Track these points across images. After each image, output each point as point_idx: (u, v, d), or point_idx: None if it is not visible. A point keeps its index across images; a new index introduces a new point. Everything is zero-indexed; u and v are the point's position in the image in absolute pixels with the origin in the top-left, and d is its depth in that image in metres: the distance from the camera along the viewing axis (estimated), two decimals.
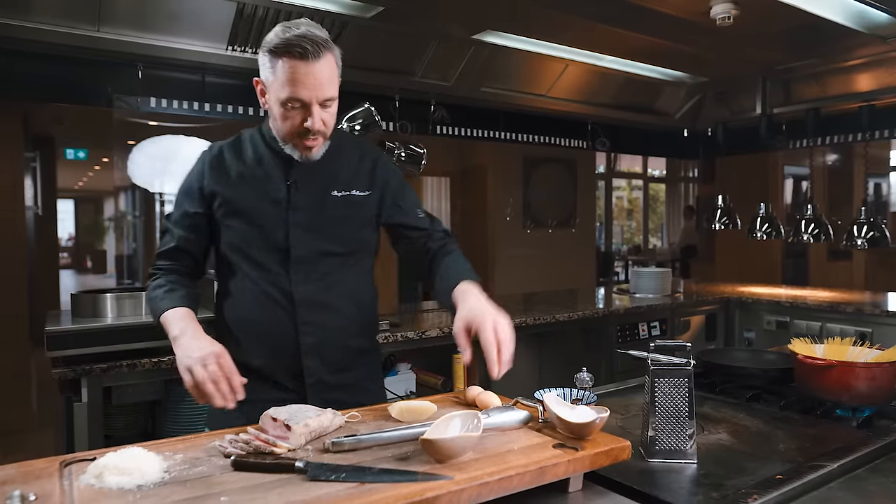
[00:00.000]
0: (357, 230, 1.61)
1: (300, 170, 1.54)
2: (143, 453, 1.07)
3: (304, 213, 1.54)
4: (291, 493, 0.97)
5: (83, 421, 2.03)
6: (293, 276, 1.52)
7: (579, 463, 1.12)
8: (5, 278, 4.71)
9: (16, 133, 4.82)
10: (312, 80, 1.40)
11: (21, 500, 0.93)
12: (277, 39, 1.40)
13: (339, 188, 1.58)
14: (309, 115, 1.43)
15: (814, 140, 4.47)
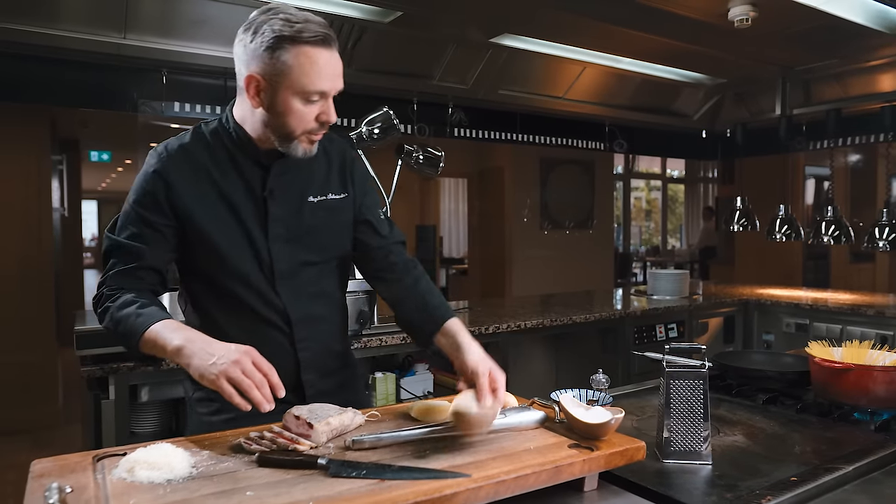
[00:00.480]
0: (336, 236, 1.50)
1: (276, 176, 1.41)
2: (172, 449, 1.11)
3: (283, 224, 1.42)
4: (315, 489, 1.00)
5: (110, 418, 2.09)
6: (282, 293, 1.43)
7: (594, 462, 1.14)
8: (33, 279, 4.82)
9: (43, 136, 4.93)
10: (333, 70, 1.31)
11: (59, 491, 0.97)
12: (292, 27, 1.26)
13: (315, 193, 1.46)
14: (327, 107, 1.34)
15: (835, 141, 4.43)
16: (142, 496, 0.99)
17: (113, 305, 1.33)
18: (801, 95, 4.33)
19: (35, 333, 4.85)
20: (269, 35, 1.27)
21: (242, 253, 1.40)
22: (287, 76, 1.28)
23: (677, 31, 3.25)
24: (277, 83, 1.29)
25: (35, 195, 4.74)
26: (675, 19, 2.99)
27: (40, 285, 4.87)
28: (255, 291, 1.41)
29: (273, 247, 1.41)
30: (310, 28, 1.27)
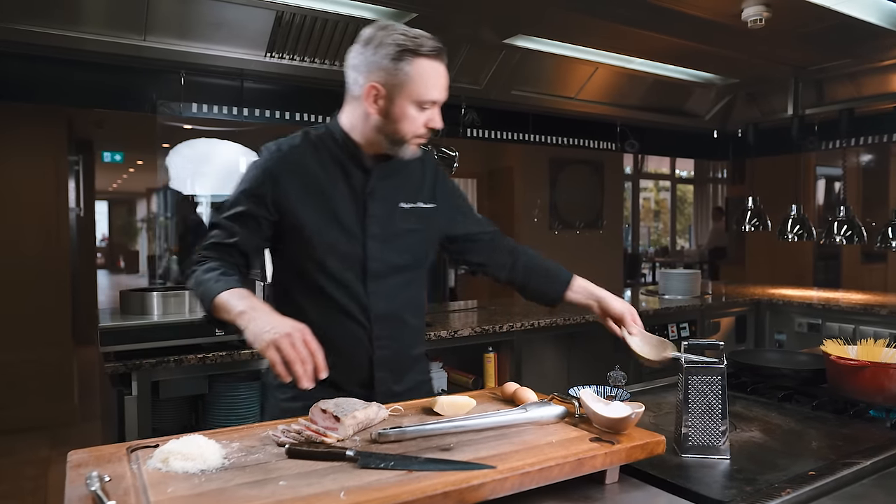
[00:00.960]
0: (423, 243, 1.61)
1: (377, 179, 1.53)
2: (205, 441, 1.14)
3: (379, 226, 1.52)
4: (344, 479, 1.03)
5: (133, 413, 2.13)
6: (370, 290, 1.52)
7: (616, 455, 1.17)
8: (51, 278, 4.89)
9: (60, 137, 5.00)
10: (445, 82, 1.46)
11: (99, 480, 1.01)
12: (414, 42, 1.40)
13: (407, 200, 1.57)
14: (435, 114, 1.47)
15: (847, 141, 4.43)
16: (178, 485, 1.02)
17: (199, 269, 1.45)
18: (814, 95, 4.33)
19: (52, 331, 4.92)
20: (392, 48, 1.40)
21: (338, 248, 1.50)
22: (406, 85, 1.41)
23: (690, 31, 3.26)
24: (396, 91, 1.42)
25: (53, 195, 4.81)
26: (688, 20, 3.01)
27: (57, 284, 4.94)
28: (344, 286, 1.51)
29: (369, 244, 1.52)
30: (427, 42, 1.42)
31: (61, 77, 2.96)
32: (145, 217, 17.79)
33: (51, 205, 4.83)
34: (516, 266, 1.75)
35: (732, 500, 1.11)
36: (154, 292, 2.38)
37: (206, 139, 5.18)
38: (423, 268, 1.64)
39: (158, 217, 16.40)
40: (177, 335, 2.22)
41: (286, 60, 3.10)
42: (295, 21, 2.92)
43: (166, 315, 2.35)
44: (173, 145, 5.15)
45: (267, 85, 3.29)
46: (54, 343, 4.91)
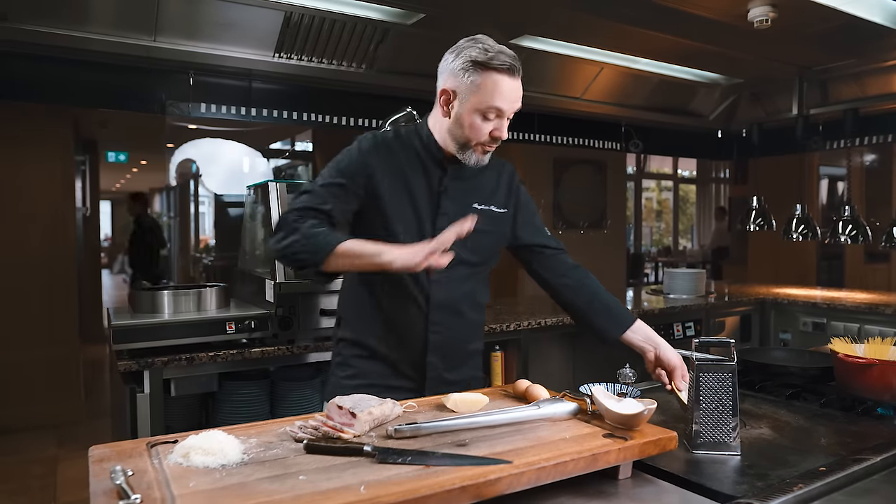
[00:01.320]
0: (491, 243, 1.72)
1: (451, 179, 1.65)
2: (224, 436, 1.16)
3: (450, 221, 1.57)
4: (364, 474, 1.04)
5: (145, 410, 2.15)
6: (433, 279, 1.62)
7: (629, 451, 1.18)
8: (58, 277, 4.91)
9: (67, 137, 5.02)
10: (514, 94, 1.55)
11: (123, 474, 1.02)
12: (485, 55, 1.51)
13: (480, 202, 1.69)
14: (500, 124, 1.56)
15: (852, 140, 4.43)
16: (200, 479, 1.03)
17: (304, 225, 1.53)
18: (818, 95, 4.34)
19: (59, 330, 4.94)
20: (466, 58, 1.53)
21: (411, 235, 1.60)
22: (472, 94, 1.53)
23: (695, 31, 3.28)
24: (464, 98, 1.54)
25: (60, 195, 4.83)
26: (694, 20, 3.02)
27: (64, 283, 4.96)
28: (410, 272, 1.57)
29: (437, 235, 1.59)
30: (500, 58, 1.52)
31: (71, 77, 2.98)
32: None
33: (58, 204, 4.86)
34: (579, 293, 1.79)
35: (744, 495, 1.12)
36: (165, 291, 2.40)
37: (211, 139, 5.21)
38: (487, 266, 1.74)
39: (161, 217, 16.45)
40: (188, 333, 2.23)
41: (294, 61, 3.12)
42: (303, 21, 2.94)
43: (177, 313, 2.37)
44: (178, 145, 5.18)
45: (275, 85, 3.32)
46: (61, 341, 4.93)
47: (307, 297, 2.40)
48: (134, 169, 13.18)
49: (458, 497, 1.00)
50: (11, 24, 2.55)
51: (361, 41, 3.01)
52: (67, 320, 5.01)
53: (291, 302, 2.34)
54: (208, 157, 5.69)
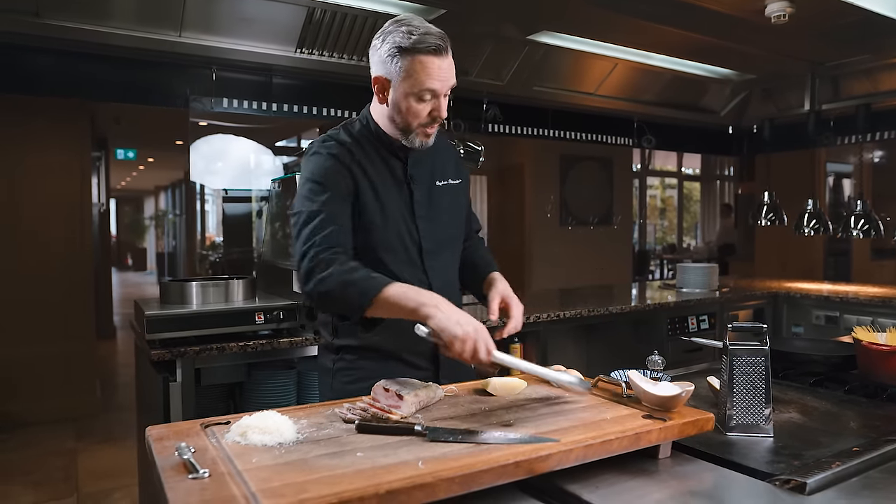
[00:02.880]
0: (459, 215, 1.77)
1: (413, 165, 1.65)
2: (279, 416, 1.20)
3: (424, 206, 1.65)
4: (418, 451, 1.08)
5: (178, 399, 2.19)
6: (428, 266, 1.65)
7: (670, 431, 1.22)
8: (75, 272, 4.95)
9: (84, 133, 5.07)
10: (444, 73, 1.52)
11: (189, 450, 1.07)
12: (409, 39, 1.48)
13: (441, 178, 1.71)
14: (438, 104, 1.55)
15: (863, 136, 4.46)
16: (261, 456, 1.08)
17: (340, 269, 1.47)
18: (830, 91, 4.37)
19: (75, 325, 4.99)
20: (391, 44, 1.51)
21: (396, 231, 1.61)
22: (403, 80, 1.52)
23: (711, 26, 3.30)
24: (396, 85, 1.53)
25: (77, 191, 4.87)
26: (711, 15, 3.05)
27: (81, 278, 5.01)
28: (408, 263, 1.63)
29: (420, 225, 1.65)
30: (426, 40, 1.49)
31: (95, 73, 3.02)
32: (153, 214, 17.85)
33: (75, 200, 4.90)
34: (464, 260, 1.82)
35: (782, 473, 1.16)
36: (193, 282, 2.44)
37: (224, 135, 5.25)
38: (462, 241, 1.79)
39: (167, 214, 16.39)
40: (219, 323, 2.28)
41: (315, 56, 3.16)
42: (325, 17, 2.98)
43: (205, 304, 2.41)
44: (186, 142, 5.22)
45: (295, 80, 3.35)
46: (77, 336, 4.98)
47: None
48: (140, 167, 13.22)
49: (512, 472, 1.04)
50: (41, 20, 2.59)
51: None
52: (84, 315, 5.06)
53: None
54: (217, 154, 5.73)
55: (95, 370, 5.23)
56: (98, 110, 5.77)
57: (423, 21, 1.55)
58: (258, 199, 5.54)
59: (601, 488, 1.12)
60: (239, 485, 0.95)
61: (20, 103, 4.49)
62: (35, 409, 4.74)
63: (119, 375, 6.16)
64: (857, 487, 1.12)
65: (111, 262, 8.72)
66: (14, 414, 4.66)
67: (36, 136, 4.71)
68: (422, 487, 0.95)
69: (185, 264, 10.95)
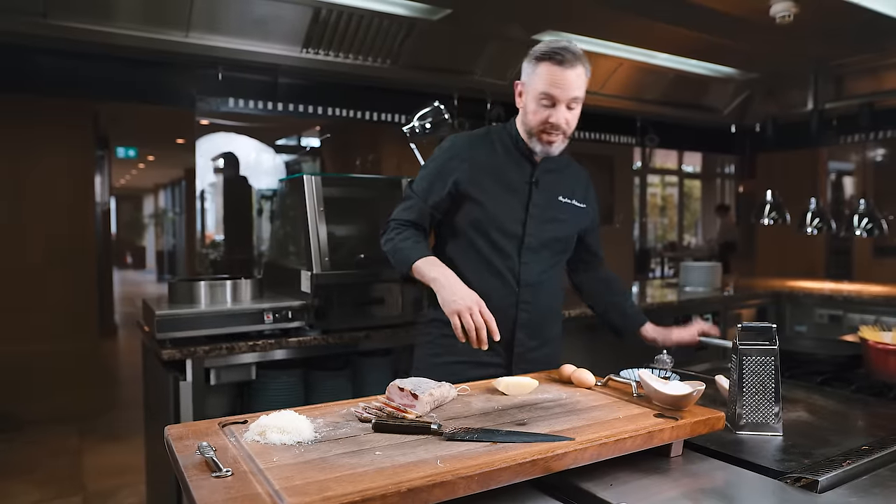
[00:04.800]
0: (571, 233, 1.94)
1: (542, 172, 1.84)
2: (296, 416, 1.22)
3: (539, 209, 1.84)
4: (435, 450, 1.10)
5: (188, 398, 2.20)
6: (523, 260, 1.82)
7: (682, 429, 1.24)
8: (78, 271, 4.97)
9: (88, 132, 5.08)
10: (564, 82, 1.70)
11: (211, 449, 1.08)
12: (542, 49, 1.72)
13: (565, 195, 1.89)
14: (556, 112, 1.72)
15: (866, 135, 4.48)
16: (281, 455, 1.09)
17: (396, 236, 1.82)
18: (833, 90, 4.38)
19: (79, 323, 5.00)
20: (532, 55, 1.76)
21: (503, 223, 1.81)
22: (531, 84, 1.75)
23: (715, 25, 3.32)
24: (527, 88, 1.77)
25: (81, 190, 4.89)
26: (715, 14, 3.06)
27: (84, 277, 5.02)
28: (503, 253, 1.82)
29: (528, 222, 1.83)
30: (554, 49, 1.70)
31: (102, 73, 3.03)
32: (153, 213, 17.84)
33: (79, 199, 4.92)
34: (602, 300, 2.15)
35: (793, 471, 1.18)
36: (202, 281, 2.45)
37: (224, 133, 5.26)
38: (566, 254, 1.97)
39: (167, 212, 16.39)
40: (228, 323, 2.29)
41: (321, 56, 3.17)
42: (332, 17, 2.99)
43: (213, 304, 2.42)
44: (186, 141, 5.23)
45: (301, 80, 3.36)
46: (81, 335, 4.99)
47: (343, 288, 2.45)
48: (140, 165, 13.21)
49: (529, 470, 1.06)
50: (49, 21, 2.60)
51: (387, 37, 3.06)
52: (88, 314, 5.07)
53: (328, 292, 2.40)
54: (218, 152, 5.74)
55: (99, 368, 5.25)
56: (100, 109, 5.78)
57: (573, 43, 1.74)
58: (259, 198, 5.55)
59: (615, 486, 1.14)
60: (262, 483, 0.97)
61: (23, 103, 4.50)
62: (39, 408, 4.76)
63: (122, 374, 6.17)
64: (868, 485, 1.14)
65: (112, 261, 8.72)
66: (18, 412, 4.67)
67: (39, 136, 4.72)
68: (442, 485, 0.97)
69: (185, 263, 10.95)
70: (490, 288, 1.79)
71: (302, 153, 6.65)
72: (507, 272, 1.83)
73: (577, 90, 1.73)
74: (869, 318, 3.72)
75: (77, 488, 3.61)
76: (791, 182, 5.64)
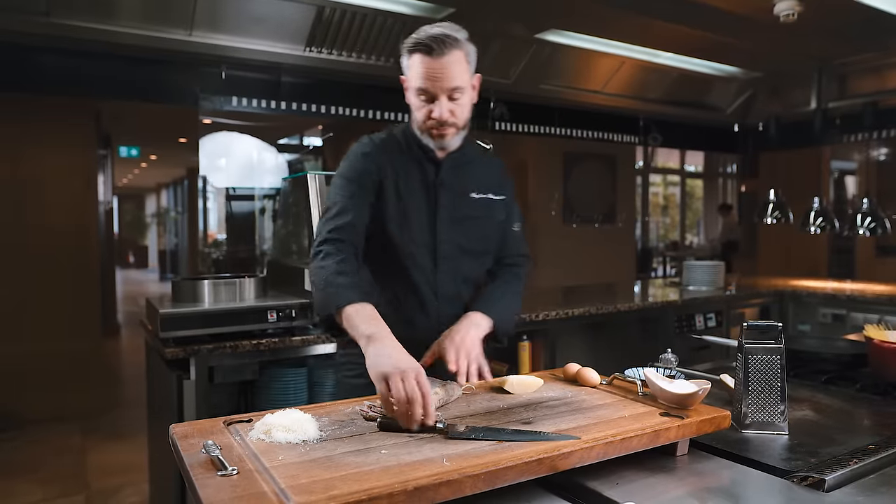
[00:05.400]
0: (491, 230, 1.74)
1: (446, 170, 1.66)
2: (301, 414, 1.22)
3: (449, 211, 1.66)
4: (441, 449, 1.10)
5: (192, 396, 2.20)
6: (440, 269, 1.65)
7: (688, 428, 1.24)
8: (81, 271, 4.97)
9: (90, 131, 5.09)
10: (438, 74, 1.52)
11: (217, 448, 1.08)
12: (413, 39, 1.54)
13: (478, 190, 1.70)
14: (437, 106, 1.55)
15: (869, 133, 4.47)
16: (286, 453, 1.09)
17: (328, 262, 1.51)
18: (836, 88, 4.37)
19: (82, 322, 5.01)
20: (403, 46, 1.58)
21: (412, 231, 1.64)
22: (408, 78, 1.59)
23: (719, 24, 3.31)
24: (407, 84, 1.61)
25: (84, 189, 4.89)
26: (719, 13, 3.06)
27: (87, 276, 5.03)
28: (417, 265, 1.64)
29: (439, 228, 1.65)
30: (422, 38, 1.53)
31: (106, 72, 3.03)
32: (155, 212, 17.87)
33: (82, 198, 4.92)
34: None
35: (800, 469, 1.17)
36: (206, 280, 2.45)
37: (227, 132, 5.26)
38: (489, 254, 1.76)
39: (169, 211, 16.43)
40: (232, 322, 2.29)
41: (324, 54, 3.17)
42: (335, 16, 2.99)
43: (217, 303, 2.43)
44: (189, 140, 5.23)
45: (304, 79, 3.36)
46: (83, 334, 5.00)
47: None
48: (143, 164, 13.22)
49: (535, 469, 1.06)
50: (52, 20, 2.60)
51: (391, 35, 3.06)
52: (90, 313, 5.08)
53: None
54: (221, 152, 5.74)
55: (102, 367, 5.25)
56: (103, 108, 5.79)
57: (447, 26, 1.57)
58: (261, 196, 5.55)
59: (621, 485, 1.13)
60: (268, 481, 0.97)
61: (26, 102, 4.51)
62: (42, 407, 4.76)
63: (125, 372, 6.18)
64: (875, 484, 1.13)
65: (115, 260, 8.73)
66: (21, 411, 4.68)
67: (42, 135, 4.72)
68: (448, 484, 0.97)
69: (188, 262, 10.96)
70: (409, 302, 1.65)
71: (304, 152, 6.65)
72: (424, 285, 1.64)
73: (456, 79, 1.53)
74: (872, 317, 3.71)
75: (80, 487, 3.61)
76: (794, 181, 5.63)
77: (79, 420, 4.74)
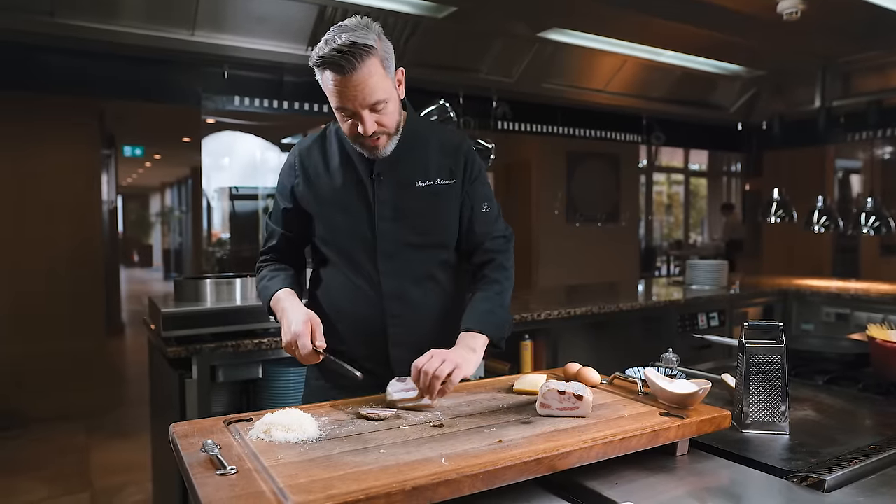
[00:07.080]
0: (441, 219, 1.57)
1: (383, 162, 1.51)
2: (301, 414, 1.22)
3: (389, 206, 1.53)
4: (440, 448, 1.10)
5: (193, 396, 2.21)
6: (381, 268, 1.53)
7: (688, 428, 1.24)
8: (85, 270, 4.99)
9: (94, 131, 5.10)
10: (353, 92, 1.37)
11: (216, 447, 1.08)
12: (317, 53, 1.38)
13: (423, 178, 1.54)
14: (360, 121, 1.41)
15: (874, 132, 4.45)
16: (286, 452, 1.09)
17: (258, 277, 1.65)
18: (840, 87, 4.35)
19: (85, 322, 5.02)
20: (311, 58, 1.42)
21: (347, 230, 1.56)
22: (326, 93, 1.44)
23: (722, 22, 3.30)
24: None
25: (88, 188, 4.91)
26: (722, 12, 3.05)
27: (91, 276, 5.04)
28: (356, 265, 1.56)
29: (378, 225, 1.53)
30: (329, 56, 1.35)
31: (107, 71, 3.04)
32: (159, 211, 17.93)
33: (86, 198, 4.94)
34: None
35: (800, 470, 1.17)
36: (208, 279, 2.46)
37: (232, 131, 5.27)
38: (443, 246, 1.60)
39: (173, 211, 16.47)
40: (234, 321, 2.30)
41: None
42: (337, 15, 2.99)
43: (219, 302, 2.43)
44: (193, 139, 5.24)
45: (306, 78, 3.36)
46: (87, 333, 5.02)
47: None
48: (147, 164, 13.27)
49: (534, 469, 1.06)
50: (56, 20, 2.61)
51: (393, 34, 3.05)
52: (94, 313, 5.10)
53: None
54: (224, 151, 5.75)
55: (106, 366, 5.27)
56: (106, 108, 5.81)
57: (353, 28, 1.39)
58: (264, 195, 5.55)
59: (620, 485, 1.13)
60: (266, 481, 0.97)
61: (30, 101, 4.52)
62: (46, 405, 4.79)
63: (128, 371, 6.20)
64: (876, 485, 1.13)
65: (119, 260, 8.76)
66: (25, 410, 4.70)
67: (45, 134, 4.74)
68: (447, 484, 0.97)
69: (191, 261, 10.99)
70: (354, 304, 1.56)
71: None
72: (365, 284, 1.54)
73: (376, 93, 1.38)
74: (876, 316, 3.69)
75: (84, 485, 3.63)
76: (798, 180, 5.61)
77: (83, 419, 4.75)
